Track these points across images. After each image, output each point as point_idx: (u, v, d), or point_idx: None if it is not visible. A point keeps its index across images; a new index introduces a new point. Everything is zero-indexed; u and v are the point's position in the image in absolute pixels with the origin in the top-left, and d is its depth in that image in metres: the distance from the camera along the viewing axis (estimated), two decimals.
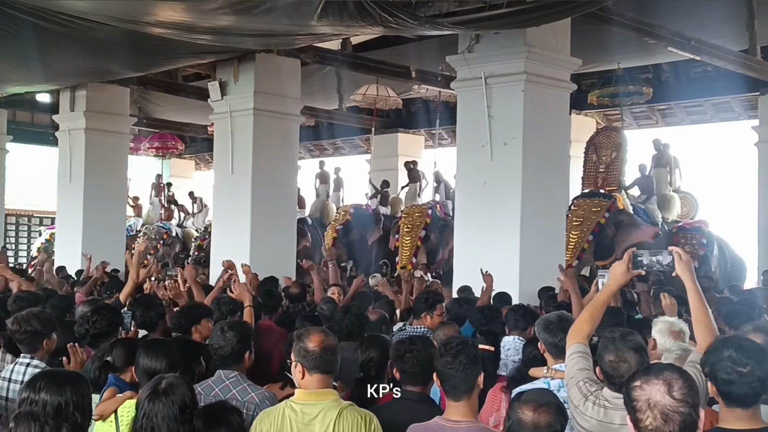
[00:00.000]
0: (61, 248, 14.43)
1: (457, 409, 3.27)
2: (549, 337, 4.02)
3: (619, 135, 12.66)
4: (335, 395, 3.41)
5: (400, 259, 13.78)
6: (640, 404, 2.42)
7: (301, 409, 3.34)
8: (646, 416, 2.39)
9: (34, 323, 4.35)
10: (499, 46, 8.89)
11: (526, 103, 8.82)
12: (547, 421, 2.68)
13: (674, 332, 4.25)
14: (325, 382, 3.40)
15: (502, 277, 8.00)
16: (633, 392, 2.45)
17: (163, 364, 3.75)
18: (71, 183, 14.27)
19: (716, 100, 15.34)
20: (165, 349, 3.86)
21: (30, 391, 2.75)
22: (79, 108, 14.22)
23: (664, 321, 4.39)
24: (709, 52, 10.86)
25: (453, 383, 3.28)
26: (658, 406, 2.39)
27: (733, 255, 13.52)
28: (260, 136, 11.56)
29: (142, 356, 3.80)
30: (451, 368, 3.28)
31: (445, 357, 3.31)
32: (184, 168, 23.80)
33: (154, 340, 4.50)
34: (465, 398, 3.27)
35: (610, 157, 12.34)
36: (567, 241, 11.18)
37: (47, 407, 2.70)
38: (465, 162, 9.46)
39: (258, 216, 11.49)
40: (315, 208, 17.07)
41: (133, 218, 19.43)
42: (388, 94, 14.43)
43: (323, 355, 3.38)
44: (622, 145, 12.39)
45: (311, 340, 3.41)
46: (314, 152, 21.66)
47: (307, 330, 3.58)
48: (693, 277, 3.37)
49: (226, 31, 9.51)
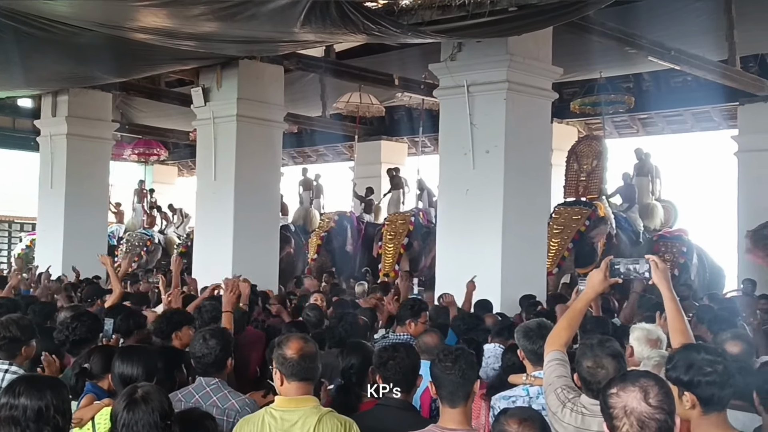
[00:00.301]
0: (42, 254, 14.32)
1: (453, 417, 3.27)
2: (528, 344, 4.04)
3: (600, 144, 12.75)
4: (315, 402, 3.40)
5: (383, 266, 13.79)
6: (616, 411, 2.43)
7: (281, 416, 3.33)
8: (622, 423, 2.41)
9: (13, 329, 4.32)
10: (481, 54, 8.94)
11: (508, 111, 8.88)
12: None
13: (651, 340, 4.27)
14: (304, 388, 3.39)
15: (484, 284, 8.04)
16: (609, 399, 2.47)
17: (139, 371, 3.73)
18: (52, 188, 14.19)
19: (696, 109, 15.48)
20: (141, 356, 3.83)
21: (9, 396, 2.72)
22: (60, 113, 14.15)
23: (642, 328, 4.41)
24: (689, 62, 10.98)
25: (451, 389, 3.28)
26: (635, 413, 2.40)
27: (712, 263, 13.66)
28: (243, 143, 11.54)
29: (117, 363, 3.78)
30: (451, 374, 3.28)
31: (444, 362, 3.32)
32: (166, 174, 23.70)
33: (130, 346, 4.45)
34: (462, 405, 3.28)
35: (591, 166, 12.43)
36: (548, 248, 11.25)
37: (28, 411, 2.68)
38: (447, 169, 9.49)
39: (241, 223, 11.47)
40: (298, 215, 17.05)
41: (115, 224, 19.32)
42: (370, 101, 14.46)
43: (301, 362, 3.37)
44: (603, 154, 12.49)
45: (290, 347, 3.40)
46: (297, 159, 21.66)
47: (287, 337, 3.56)
48: (669, 286, 3.40)
49: (209, 38, 9.50)
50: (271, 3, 7.55)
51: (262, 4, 7.61)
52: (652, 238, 13.13)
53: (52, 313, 6.50)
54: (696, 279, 12.93)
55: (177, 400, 3.82)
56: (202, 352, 3.91)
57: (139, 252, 17.82)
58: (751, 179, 13.48)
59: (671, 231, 13.50)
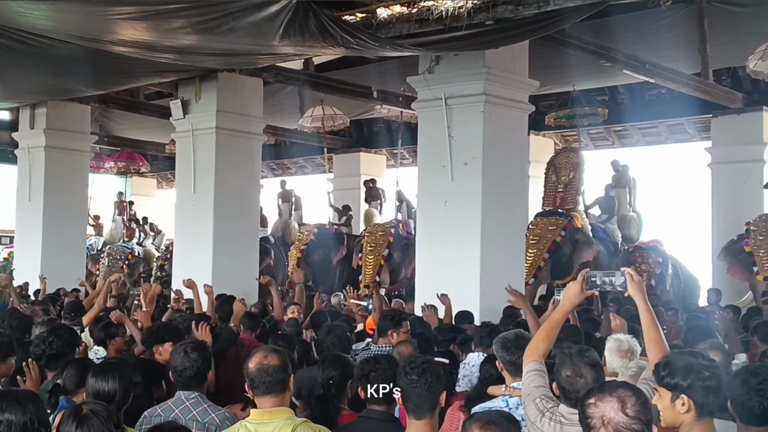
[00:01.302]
0: (20, 267, 14.20)
1: (419, 428, 3.29)
2: (507, 355, 4.07)
3: (577, 156, 12.89)
4: (289, 413, 3.41)
5: (363, 277, 13.80)
6: (594, 421, 2.48)
7: (255, 428, 3.35)
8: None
9: None
10: (458, 67, 9.02)
11: (485, 123, 8.95)
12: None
13: (622, 351, 4.33)
14: (270, 401, 3.39)
15: (463, 295, 8.10)
16: (587, 409, 2.52)
17: (115, 387, 3.69)
18: (30, 201, 14.09)
19: (670, 121, 15.64)
20: (117, 372, 3.78)
21: None
22: (39, 126, 14.06)
23: (615, 339, 4.47)
24: (663, 75, 11.15)
25: (417, 402, 3.29)
26: (612, 423, 2.45)
27: (687, 274, 13.85)
28: (222, 155, 11.54)
29: (92, 380, 3.74)
30: (417, 386, 3.29)
31: (410, 375, 3.32)
32: (145, 186, 23.59)
33: (105, 362, 4.40)
34: (428, 416, 3.30)
35: (568, 177, 12.56)
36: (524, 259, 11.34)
37: (13, 426, 2.68)
38: (426, 181, 9.55)
39: (220, 235, 11.45)
40: (277, 227, 17.04)
41: (94, 237, 19.20)
42: (333, 112, 14.46)
43: (258, 375, 3.38)
44: (580, 165, 12.62)
45: (251, 361, 3.43)
46: (277, 171, 21.65)
47: (255, 350, 3.58)
48: (645, 298, 3.45)
49: (188, 50, 9.51)
50: (249, 16, 7.58)
51: (241, 17, 7.64)
52: (628, 249, 13.28)
53: (30, 327, 6.45)
54: (671, 289, 13.10)
55: (156, 415, 3.82)
56: (183, 365, 3.90)
57: (120, 265, 17.73)
58: (724, 190, 13.68)
59: (647, 242, 13.66)
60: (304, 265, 14.82)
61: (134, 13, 7.78)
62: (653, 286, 12.51)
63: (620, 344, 4.45)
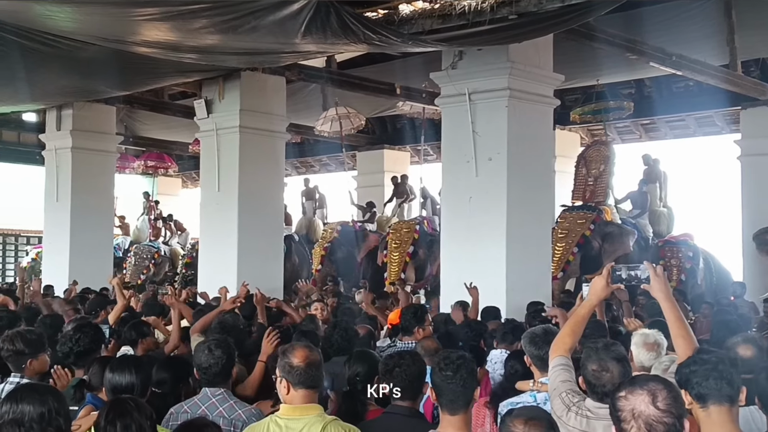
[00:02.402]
0: (48, 267, 14.37)
1: (453, 423, 3.25)
2: (535, 350, 4.05)
3: (608, 149, 12.76)
4: (319, 410, 3.41)
5: (388, 274, 13.79)
6: (624, 414, 2.44)
7: (286, 424, 3.34)
8: (630, 426, 2.42)
9: (17, 343, 4.33)
10: (482, 62, 8.97)
11: (510, 118, 8.89)
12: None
13: (648, 344, 4.28)
14: (309, 397, 3.40)
15: (488, 292, 8.05)
16: (618, 402, 2.48)
17: (132, 380, 3.72)
18: (58, 202, 14.24)
19: (698, 114, 15.47)
20: (134, 366, 3.82)
21: (11, 403, 2.73)
22: (65, 127, 14.21)
23: (641, 333, 4.43)
24: (691, 67, 11.00)
25: (452, 397, 3.26)
26: (642, 416, 2.41)
27: (719, 268, 13.60)
28: (246, 154, 11.58)
29: (109, 374, 3.76)
30: (452, 383, 3.26)
31: (445, 371, 3.29)
32: (171, 186, 23.76)
33: (123, 356, 4.47)
34: (462, 412, 3.26)
35: (598, 171, 12.43)
36: (552, 253, 11.24)
37: (31, 414, 2.69)
38: (450, 177, 9.50)
39: (245, 233, 11.49)
40: (301, 225, 17.07)
41: (121, 237, 19.37)
42: (347, 111, 14.44)
43: (308, 370, 3.38)
44: (610, 158, 12.49)
45: (296, 356, 3.41)
46: (300, 169, 21.70)
47: (292, 345, 3.58)
48: (668, 292, 3.40)
49: (211, 50, 9.55)
50: (271, 15, 7.60)
51: (263, 16, 7.65)
52: (657, 243, 13.11)
53: (62, 326, 6.52)
54: (703, 283, 12.89)
55: (183, 412, 3.83)
56: (208, 362, 3.91)
57: (147, 264, 17.87)
58: (754, 183, 13.51)
59: (676, 236, 13.46)
60: (328, 263, 14.85)
61: (157, 14, 7.82)
62: (683, 281, 12.34)
63: (646, 338, 4.41)
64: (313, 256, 15.38)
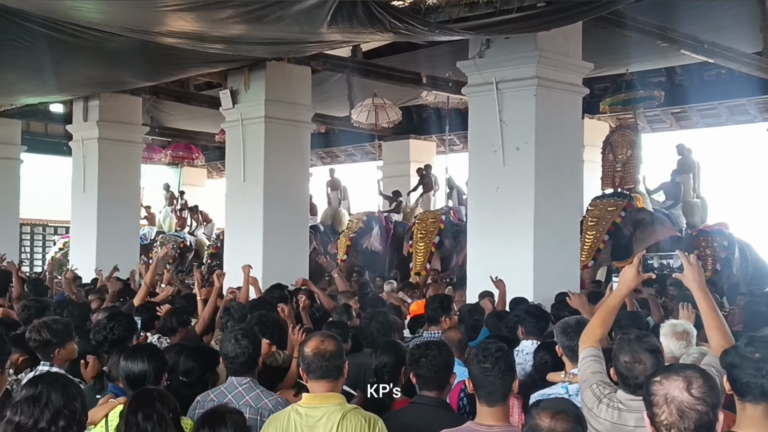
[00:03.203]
0: (76, 257, 14.49)
1: (491, 414, 3.24)
2: (566, 341, 3.99)
3: (634, 133, 12.61)
4: (340, 399, 3.41)
5: (414, 265, 13.75)
6: (657, 398, 2.42)
7: (306, 412, 3.36)
8: (662, 411, 2.40)
9: (44, 333, 4.36)
10: (509, 51, 8.87)
11: (537, 107, 8.79)
12: (565, 429, 2.62)
13: (677, 333, 4.22)
14: (325, 386, 3.40)
15: (516, 283, 7.98)
16: (652, 386, 2.46)
17: (146, 368, 3.74)
18: (85, 192, 14.36)
19: (730, 102, 15.24)
20: (147, 355, 3.85)
21: (32, 386, 2.74)
22: (92, 118, 14.32)
23: (670, 324, 4.36)
24: (723, 54, 10.83)
25: (490, 389, 3.25)
26: (675, 401, 2.39)
27: (756, 257, 13.31)
28: (272, 144, 11.57)
29: (123, 362, 3.79)
30: (490, 375, 3.25)
31: (483, 363, 3.28)
32: (196, 176, 23.88)
33: (136, 345, 4.52)
34: (500, 404, 3.25)
35: (625, 155, 12.28)
36: (583, 241, 11.14)
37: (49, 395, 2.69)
38: (477, 167, 9.43)
39: (270, 223, 11.49)
40: (326, 216, 17.08)
41: (147, 227, 19.51)
42: (384, 102, 14.38)
43: (315, 360, 3.39)
44: (637, 143, 12.34)
45: (308, 345, 3.45)
46: (326, 159, 21.69)
47: (311, 335, 3.61)
48: (701, 282, 3.34)
49: (236, 40, 9.54)
50: (297, 4, 7.55)
51: (289, 5, 7.61)
52: (691, 233, 12.90)
53: (89, 315, 6.55)
54: (738, 273, 12.67)
55: (209, 400, 3.85)
56: (234, 352, 3.91)
57: (173, 254, 17.98)
58: None
59: (711, 225, 13.22)
60: (354, 253, 14.83)
61: (183, 5, 7.81)
62: (719, 271, 12.14)
63: (674, 327, 4.38)
64: (339, 247, 15.36)
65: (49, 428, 2.65)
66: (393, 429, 3.63)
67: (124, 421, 2.93)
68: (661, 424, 2.39)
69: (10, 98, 14.24)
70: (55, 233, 22.23)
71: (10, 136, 17.11)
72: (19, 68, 11.02)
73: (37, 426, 2.63)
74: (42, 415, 2.65)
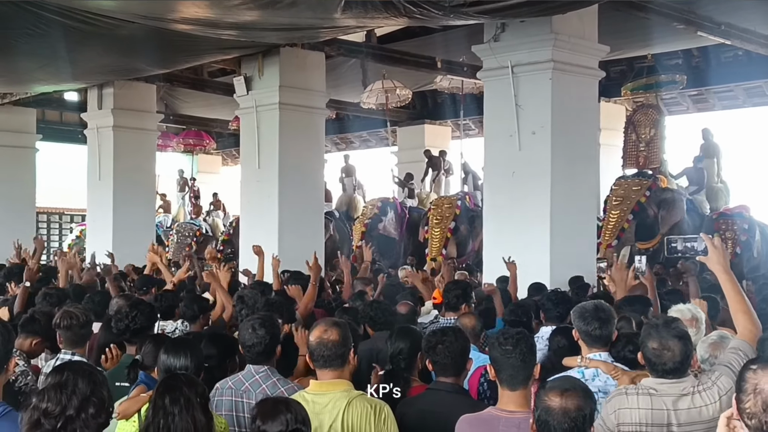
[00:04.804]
0: (92, 245, 14.55)
1: (513, 399, 3.23)
2: (583, 326, 3.95)
3: (657, 112, 12.50)
4: (346, 386, 3.43)
5: (429, 250, 13.73)
6: (747, 386, 2.41)
7: (312, 399, 3.38)
8: (748, 398, 2.38)
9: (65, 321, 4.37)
10: (525, 34, 8.80)
11: (553, 91, 8.74)
12: (576, 405, 2.63)
13: (686, 320, 4.16)
14: (329, 374, 3.43)
15: (533, 268, 7.96)
16: (746, 373, 2.44)
17: (187, 363, 3.72)
18: (101, 180, 14.41)
19: (748, 84, 15.08)
20: (189, 349, 3.82)
21: (57, 373, 2.72)
22: (106, 106, 14.35)
23: (677, 310, 4.30)
24: (740, 36, 10.73)
25: (511, 372, 3.24)
26: (763, 394, 2.37)
27: None
28: (286, 131, 11.55)
29: (164, 356, 3.77)
30: (511, 357, 3.24)
31: (504, 346, 3.28)
32: (211, 163, 23.94)
33: (177, 338, 4.51)
34: (522, 387, 3.24)
35: (649, 135, 12.17)
36: (607, 220, 11.07)
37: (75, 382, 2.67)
38: (493, 152, 9.39)
39: (285, 210, 11.50)
40: (342, 202, 17.08)
41: (162, 215, 19.58)
42: (394, 85, 14.31)
43: (318, 348, 3.42)
44: (660, 122, 12.22)
45: (313, 334, 3.48)
46: (340, 145, 21.66)
47: (317, 323, 3.61)
48: (726, 265, 3.32)
49: (250, 26, 9.51)
50: None
51: None
52: (712, 216, 12.79)
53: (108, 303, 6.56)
54: (759, 256, 12.55)
55: (227, 387, 3.86)
56: (252, 341, 3.90)
57: (189, 242, 18.04)
58: None
59: (731, 208, 13.10)
60: (369, 239, 14.82)
61: None
62: (739, 254, 12.03)
63: (682, 314, 4.30)
64: (354, 233, 15.36)
65: (78, 415, 2.61)
66: (410, 415, 3.65)
67: (151, 405, 2.93)
68: (743, 411, 2.39)
69: (25, 87, 14.30)
70: (71, 221, 22.36)
71: (25, 124, 17.19)
72: (33, 56, 11.05)
73: (64, 413, 2.60)
74: (69, 402, 2.61)
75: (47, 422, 2.58)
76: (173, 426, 2.87)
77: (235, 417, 3.72)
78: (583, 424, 2.63)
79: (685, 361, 3.21)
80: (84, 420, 2.62)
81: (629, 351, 4.00)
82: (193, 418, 2.90)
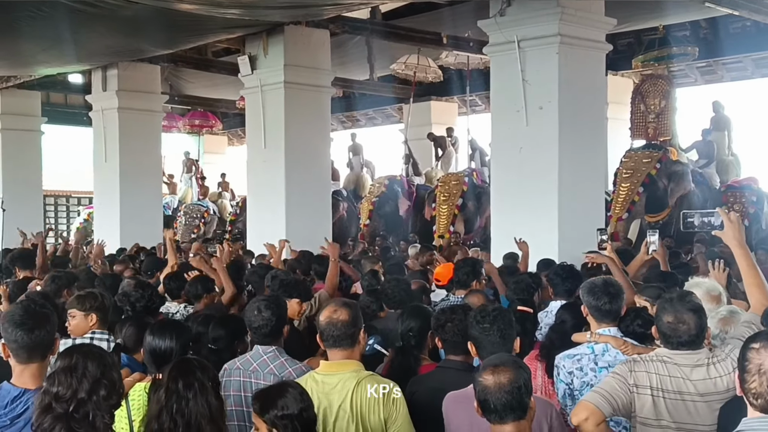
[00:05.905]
0: (100, 227, 14.59)
1: None
2: (592, 300, 3.92)
3: (667, 82, 12.36)
4: (356, 366, 3.42)
5: (437, 227, 13.71)
6: (750, 366, 2.41)
7: (322, 379, 3.39)
8: (752, 379, 2.39)
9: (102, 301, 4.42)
10: (531, 8, 8.71)
11: (560, 65, 8.64)
12: (509, 378, 2.67)
13: (714, 296, 4.11)
14: (341, 354, 3.42)
15: (541, 244, 7.92)
16: (748, 353, 2.43)
17: (172, 345, 3.74)
18: (107, 162, 14.41)
19: (756, 55, 14.93)
20: (174, 331, 3.85)
21: (67, 359, 2.70)
22: (111, 87, 14.31)
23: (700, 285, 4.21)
24: (748, 6, 10.58)
25: (491, 349, 3.27)
26: (767, 374, 2.37)
27: None
28: (292, 110, 11.50)
29: (149, 338, 3.79)
30: (489, 334, 3.31)
31: (482, 324, 3.34)
32: (217, 144, 23.91)
33: (163, 320, 4.52)
34: None
35: (659, 106, 12.04)
36: (617, 193, 11.00)
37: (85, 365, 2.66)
38: (500, 128, 9.31)
39: (292, 189, 11.48)
40: (349, 180, 17.05)
41: (169, 196, 19.59)
42: (428, 64, 14.24)
43: (327, 328, 3.41)
44: (671, 93, 12.09)
45: (323, 314, 3.48)
46: (346, 124, 21.58)
47: (328, 302, 3.63)
48: (742, 239, 3.31)
49: (254, 4, 9.45)
50: None
51: None
52: (720, 188, 12.72)
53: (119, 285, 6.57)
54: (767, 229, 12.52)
55: (235, 368, 3.87)
56: (258, 322, 3.91)
57: (197, 224, 18.06)
58: None
59: (739, 180, 13.03)
60: (376, 217, 14.81)
61: None
62: (747, 226, 11.95)
63: (710, 290, 4.22)
64: (361, 211, 15.34)
65: (90, 398, 2.60)
66: (420, 393, 3.65)
67: (164, 389, 2.92)
68: (749, 390, 2.39)
69: (29, 69, 14.27)
70: (78, 204, 22.39)
71: (30, 107, 17.19)
72: (37, 39, 11.01)
73: (76, 396, 2.59)
74: (80, 386, 2.60)
75: (59, 406, 2.57)
76: (187, 410, 2.89)
77: (243, 397, 3.73)
78: (519, 394, 2.66)
79: (700, 334, 3.21)
80: (96, 402, 2.61)
81: (638, 325, 3.98)
82: (207, 402, 2.92)
